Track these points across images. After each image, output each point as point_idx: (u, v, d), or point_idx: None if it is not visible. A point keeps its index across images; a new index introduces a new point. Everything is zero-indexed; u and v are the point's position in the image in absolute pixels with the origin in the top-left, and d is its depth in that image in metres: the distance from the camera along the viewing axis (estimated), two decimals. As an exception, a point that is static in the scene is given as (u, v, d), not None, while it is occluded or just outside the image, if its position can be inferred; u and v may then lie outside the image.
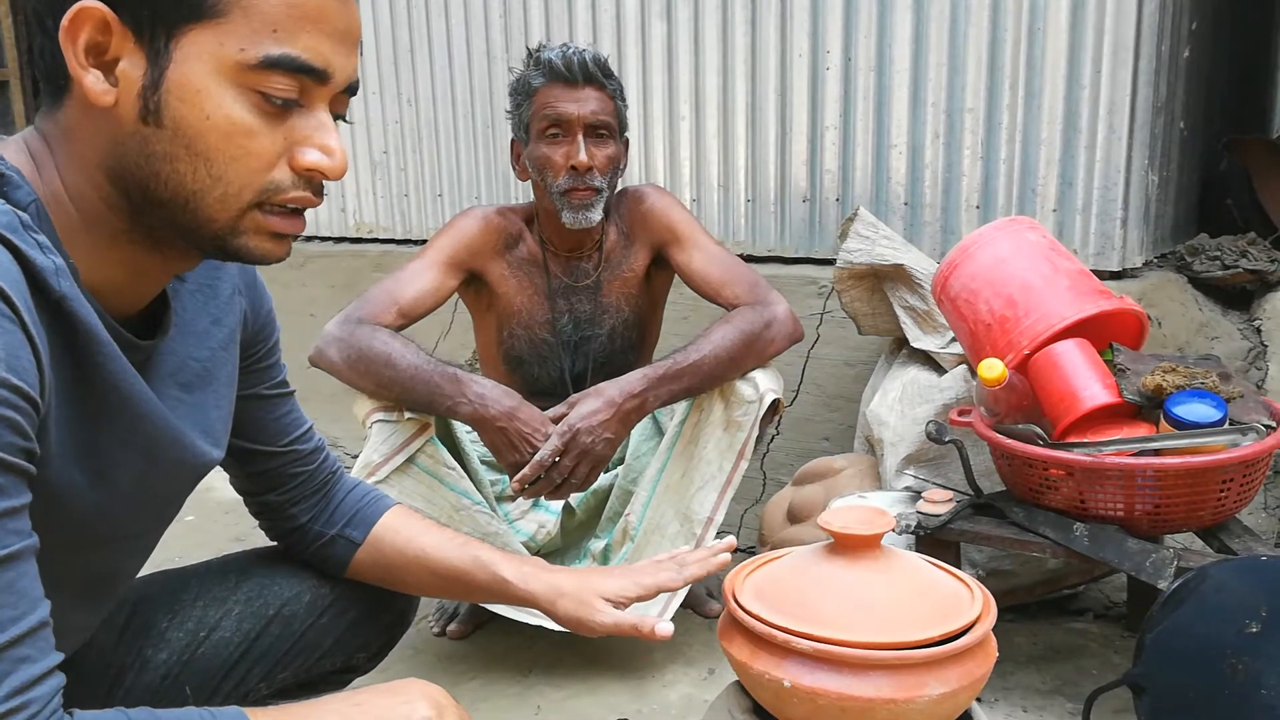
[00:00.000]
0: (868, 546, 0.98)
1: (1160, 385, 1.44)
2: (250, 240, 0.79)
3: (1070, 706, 1.58)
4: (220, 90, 0.73)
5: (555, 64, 1.73)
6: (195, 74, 0.73)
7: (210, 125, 0.73)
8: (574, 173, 1.73)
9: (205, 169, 0.74)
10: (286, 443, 1.11)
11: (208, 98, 0.73)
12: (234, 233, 0.78)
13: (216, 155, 0.74)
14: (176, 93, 0.73)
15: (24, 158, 0.77)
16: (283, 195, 0.78)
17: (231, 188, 0.75)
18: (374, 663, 1.26)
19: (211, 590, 1.14)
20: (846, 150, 2.31)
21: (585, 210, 1.75)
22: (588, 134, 1.74)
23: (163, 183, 0.75)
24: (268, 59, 0.73)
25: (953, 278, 1.70)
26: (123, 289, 0.81)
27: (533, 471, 1.58)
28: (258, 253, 0.80)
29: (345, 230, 3.14)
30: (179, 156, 0.74)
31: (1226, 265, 2.16)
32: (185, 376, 0.91)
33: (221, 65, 0.73)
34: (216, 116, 0.73)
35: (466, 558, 1.14)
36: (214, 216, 0.76)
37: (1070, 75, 2.05)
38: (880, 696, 0.88)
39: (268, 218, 0.78)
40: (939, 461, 1.80)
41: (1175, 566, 1.37)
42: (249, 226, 0.78)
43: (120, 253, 0.79)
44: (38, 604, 0.67)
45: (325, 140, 0.78)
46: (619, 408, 1.60)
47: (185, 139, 0.74)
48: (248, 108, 0.74)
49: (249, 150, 0.75)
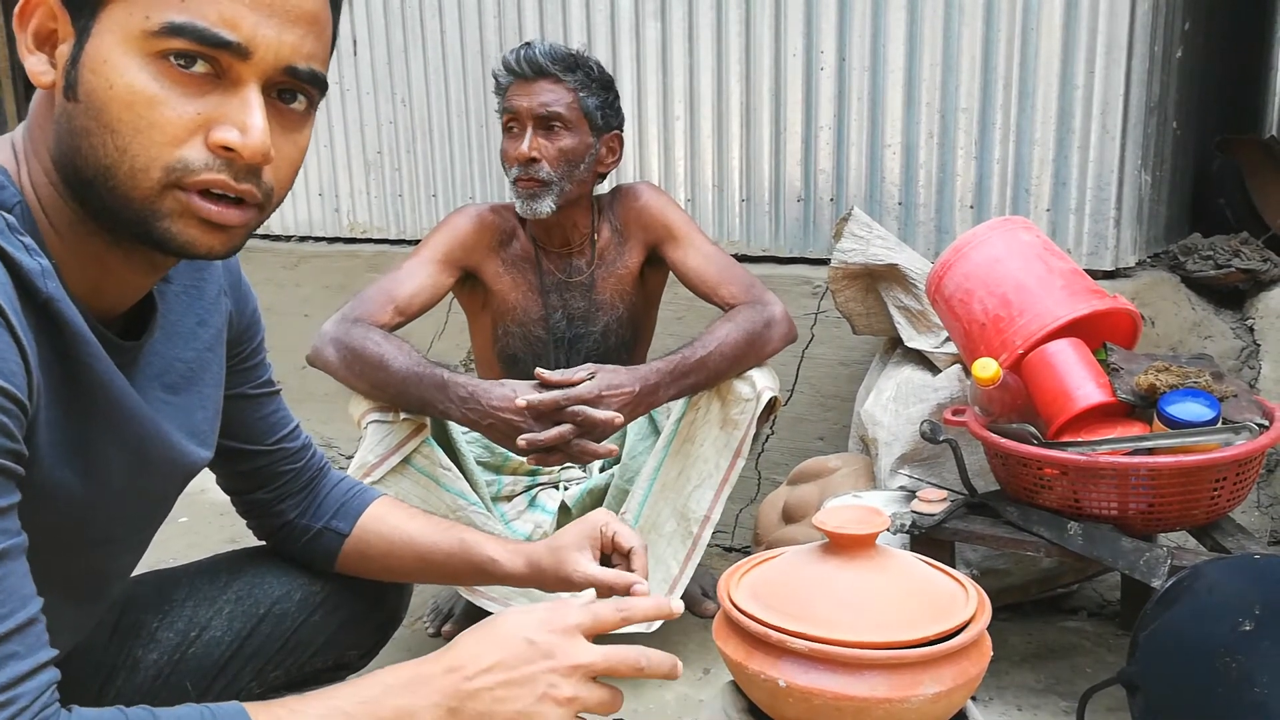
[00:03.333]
0: (863, 546, 0.98)
1: (1154, 384, 1.45)
2: (174, 225, 0.74)
3: (1064, 705, 1.58)
4: (125, 59, 0.71)
5: (509, 60, 1.78)
6: (105, 45, 0.72)
7: (113, 95, 0.71)
8: (519, 163, 1.75)
9: (112, 140, 0.72)
10: (274, 441, 1.11)
11: (112, 67, 0.71)
12: (154, 214, 0.74)
13: (120, 126, 0.71)
14: (89, 65, 0.72)
15: (9, 156, 0.77)
16: (194, 175, 0.73)
17: (138, 161, 0.72)
18: (366, 660, 1.26)
19: (202, 590, 1.13)
20: (841, 150, 2.31)
21: (531, 200, 1.76)
22: (537, 125, 1.76)
23: (84, 159, 0.73)
24: (169, 25, 0.71)
25: (947, 277, 1.70)
26: (102, 290, 0.81)
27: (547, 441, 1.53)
28: (183, 239, 0.75)
29: (339, 230, 3.14)
30: (92, 130, 0.72)
31: (1219, 265, 2.16)
32: (171, 378, 0.91)
33: (129, 34, 0.71)
34: (119, 85, 0.71)
35: (453, 540, 1.14)
36: (128, 194, 0.73)
37: (1064, 75, 2.06)
38: (875, 696, 0.88)
39: (190, 198, 0.74)
40: (933, 461, 1.80)
41: (1169, 565, 1.37)
42: (170, 208, 0.74)
43: (89, 249, 0.78)
44: (27, 601, 0.67)
45: (242, 117, 0.73)
46: (639, 390, 1.60)
47: (94, 110, 0.72)
48: (152, 76, 0.71)
49: (152, 121, 0.72)
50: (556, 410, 1.53)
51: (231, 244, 0.79)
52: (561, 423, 1.53)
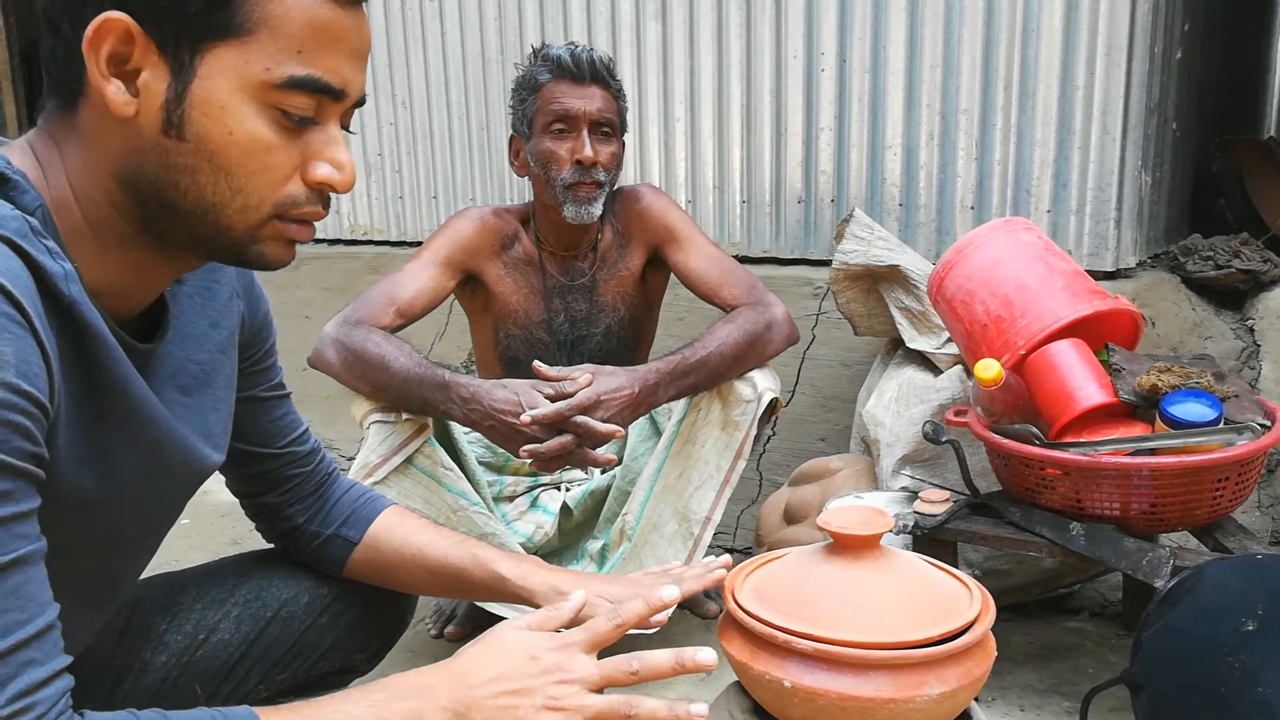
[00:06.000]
0: (867, 547, 0.98)
1: (1155, 385, 1.45)
2: (269, 248, 0.81)
3: (1067, 705, 1.58)
4: (244, 107, 0.75)
5: (564, 60, 1.75)
6: (220, 90, 0.74)
7: (233, 140, 0.75)
8: (579, 167, 1.74)
9: (226, 182, 0.76)
10: (284, 444, 1.11)
11: (231, 114, 0.75)
12: (255, 240, 0.80)
13: (238, 169, 0.76)
14: (201, 107, 0.74)
15: (29, 161, 0.77)
16: (299, 209, 0.80)
17: (251, 200, 0.77)
18: (372, 664, 1.26)
19: (210, 592, 1.14)
20: (841, 151, 2.31)
21: (587, 205, 1.76)
22: (593, 130, 1.75)
23: (182, 193, 0.76)
24: (292, 79, 0.75)
25: (948, 278, 1.71)
26: (124, 292, 0.82)
27: (548, 450, 1.54)
28: (271, 259, 0.82)
29: (340, 232, 3.14)
30: (201, 169, 0.75)
31: (1219, 265, 2.17)
32: (184, 379, 0.91)
33: (246, 83, 0.74)
34: (239, 132, 0.75)
35: (464, 555, 1.14)
36: (233, 226, 0.78)
37: (1064, 77, 2.06)
38: (880, 696, 0.88)
39: (287, 225, 0.80)
40: (935, 462, 1.81)
41: (1171, 565, 1.37)
42: (269, 234, 0.80)
43: (126, 256, 0.80)
44: (45, 607, 0.67)
45: (336, 155, 0.80)
46: (639, 391, 1.60)
47: (208, 153, 0.75)
48: (269, 124, 0.76)
49: (268, 165, 0.77)
50: (559, 420, 1.53)
51: (296, 253, 0.85)
52: (564, 432, 1.53)
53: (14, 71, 4.36)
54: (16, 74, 4.36)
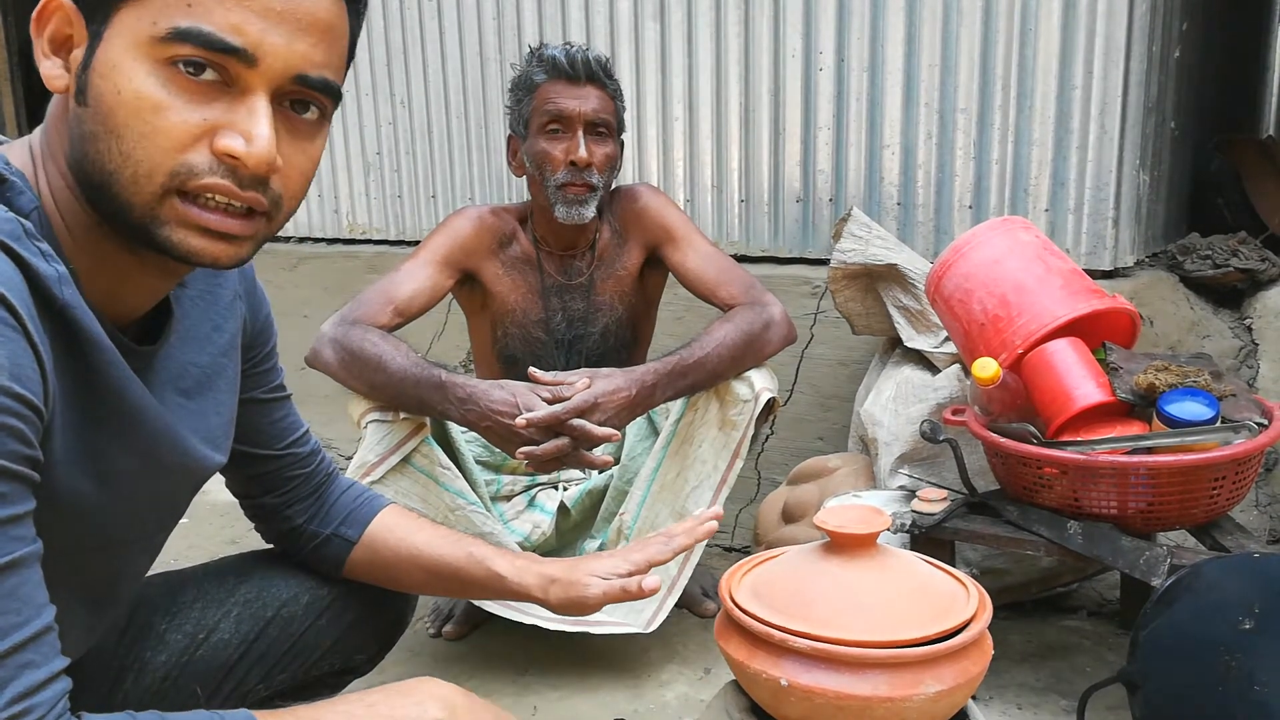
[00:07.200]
0: (864, 545, 0.98)
1: (1153, 384, 1.45)
2: (174, 233, 0.74)
3: (1064, 704, 1.58)
4: (133, 65, 0.71)
5: (559, 60, 1.75)
6: (114, 50, 0.72)
7: (120, 100, 0.71)
8: (573, 168, 1.74)
9: (117, 146, 0.72)
10: (284, 446, 1.11)
11: (120, 72, 0.71)
12: (154, 221, 0.74)
13: (125, 131, 0.72)
14: (99, 70, 0.72)
15: (26, 160, 0.77)
16: (197, 179, 0.73)
17: (142, 167, 0.72)
18: (372, 664, 1.26)
19: (210, 592, 1.14)
20: (839, 151, 2.32)
21: (579, 206, 1.76)
22: (588, 131, 1.75)
23: (91, 163, 0.74)
24: (175, 31, 0.71)
25: (946, 277, 1.71)
26: (119, 295, 0.81)
27: (543, 453, 1.55)
28: (185, 247, 0.75)
29: (338, 231, 3.14)
30: (99, 135, 0.72)
31: (1217, 264, 2.17)
32: (186, 383, 0.91)
33: (137, 39, 0.71)
34: (126, 91, 0.71)
35: (461, 554, 1.14)
36: (130, 200, 0.73)
37: (1062, 76, 2.06)
38: (877, 695, 0.88)
39: (188, 207, 0.74)
40: (933, 461, 1.81)
41: (1168, 564, 1.38)
42: (169, 216, 0.74)
43: (106, 255, 0.79)
44: (41, 610, 0.67)
45: (250, 127, 0.73)
46: (636, 392, 1.60)
47: (102, 115, 0.72)
48: (160, 83, 0.71)
49: (156, 127, 0.71)
50: (555, 423, 1.53)
51: (239, 254, 0.78)
52: (561, 434, 1.54)
53: (13, 71, 4.36)
54: (15, 74, 4.36)
